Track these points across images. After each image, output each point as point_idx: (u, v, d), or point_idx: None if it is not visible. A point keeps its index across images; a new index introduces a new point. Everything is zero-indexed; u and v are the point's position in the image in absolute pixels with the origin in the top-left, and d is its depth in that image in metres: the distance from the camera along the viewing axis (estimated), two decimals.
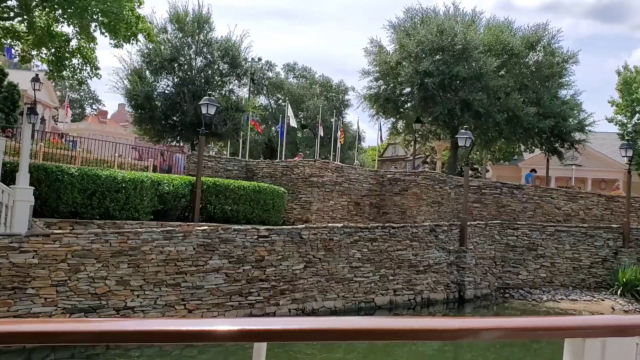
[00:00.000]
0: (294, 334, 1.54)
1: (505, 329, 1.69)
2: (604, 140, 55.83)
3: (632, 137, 48.09)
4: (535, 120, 28.34)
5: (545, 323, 1.83)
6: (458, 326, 1.63)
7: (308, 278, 16.20)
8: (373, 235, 18.35)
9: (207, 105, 19.97)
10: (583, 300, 22.21)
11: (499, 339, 1.90)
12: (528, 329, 1.75)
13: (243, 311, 14.65)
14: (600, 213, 26.08)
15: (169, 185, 19.12)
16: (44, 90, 75.23)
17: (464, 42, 27.67)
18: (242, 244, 14.73)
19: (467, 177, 22.31)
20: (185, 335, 1.42)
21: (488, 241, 23.04)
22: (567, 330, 1.76)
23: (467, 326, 1.67)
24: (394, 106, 30.81)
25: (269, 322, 1.51)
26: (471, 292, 21.50)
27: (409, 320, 1.67)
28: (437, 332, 1.64)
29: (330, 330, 1.55)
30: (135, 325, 1.48)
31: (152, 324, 1.48)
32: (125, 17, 14.39)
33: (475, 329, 1.66)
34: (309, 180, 22.91)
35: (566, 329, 1.76)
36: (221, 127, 33.51)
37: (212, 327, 1.45)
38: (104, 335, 1.45)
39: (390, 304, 18.75)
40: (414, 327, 1.61)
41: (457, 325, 1.63)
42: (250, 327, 1.48)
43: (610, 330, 1.77)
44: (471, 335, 1.72)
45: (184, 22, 34.18)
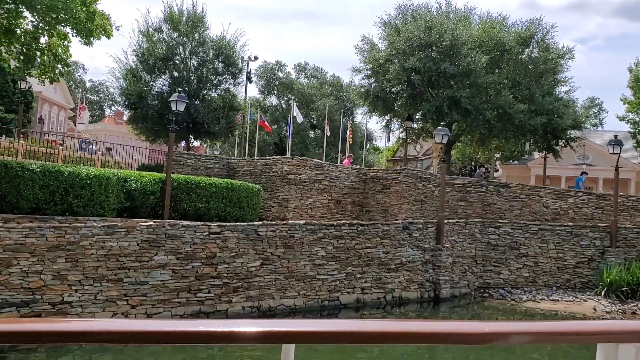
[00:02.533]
0: (322, 335, 1.54)
1: (535, 333, 1.68)
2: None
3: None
4: (527, 117, 27.72)
5: (578, 327, 1.80)
6: (488, 330, 1.62)
7: (265, 276, 16.02)
8: (339, 232, 18.09)
9: (176, 102, 19.92)
10: (565, 300, 21.64)
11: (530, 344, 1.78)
12: (560, 333, 1.72)
13: (191, 308, 14.54)
14: (591, 212, 25.40)
15: (136, 182, 19.12)
16: (60, 91, 76.39)
17: (452, 38, 27.21)
18: (191, 240, 14.62)
19: (444, 174, 21.90)
20: (214, 337, 1.44)
21: (468, 239, 22.59)
22: (600, 335, 1.73)
23: (496, 330, 1.65)
24: (384, 104, 30.47)
25: (297, 324, 1.53)
26: (447, 291, 21.09)
27: (438, 324, 1.67)
28: (467, 336, 1.64)
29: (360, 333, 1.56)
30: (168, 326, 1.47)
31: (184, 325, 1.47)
32: (74, 12, 14.38)
33: (505, 333, 1.65)
34: (286, 177, 22.75)
35: (599, 334, 1.73)
36: (214, 125, 33.58)
37: (241, 329, 1.45)
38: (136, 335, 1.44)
39: (357, 302, 18.47)
40: (444, 330, 1.62)
41: (487, 329, 1.62)
42: (279, 329, 1.49)
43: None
44: (501, 339, 1.68)
45: (178, 22, 34.32)
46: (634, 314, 20.74)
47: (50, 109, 72.93)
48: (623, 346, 1.72)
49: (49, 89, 71.22)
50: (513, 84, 29.23)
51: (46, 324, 1.44)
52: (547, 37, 30.69)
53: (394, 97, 30.00)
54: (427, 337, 1.62)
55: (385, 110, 31.52)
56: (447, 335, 1.61)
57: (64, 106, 76.09)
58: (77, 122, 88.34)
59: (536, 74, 29.59)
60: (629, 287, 21.56)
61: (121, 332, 1.44)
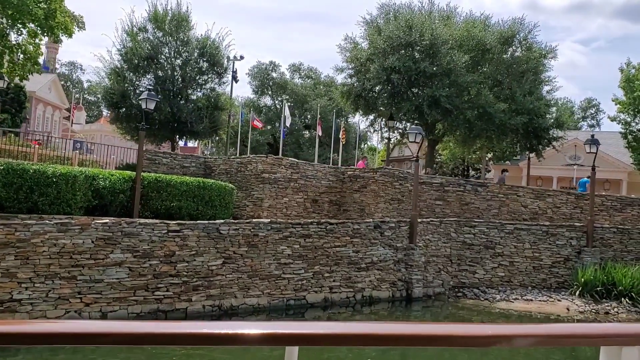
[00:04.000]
0: (326, 338, 1.53)
1: (539, 336, 1.67)
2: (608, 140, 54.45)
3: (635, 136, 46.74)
4: (508, 116, 27.58)
5: (581, 330, 1.78)
6: (491, 332, 1.62)
7: (227, 274, 15.94)
8: (307, 231, 18.00)
9: (146, 101, 19.85)
10: (538, 300, 21.51)
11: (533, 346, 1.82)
12: (563, 336, 1.71)
13: (149, 306, 14.47)
14: (570, 211, 25.26)
15: (105, 181, 19.05)
16: (54, 92, 76.44)
17: (432, 37, 27.09)
18: (149, 238, 14.55)
19: (417, 172, 21.79)
20: (218, 338, 1.44)
21: (443, 239, 22.47)
22: (603, 338, 1.72)
23: (500, 333, 1.65)
24: (366, 103, 30.38)
25: (301, 326, 1.52)
26: (420, 290, 20.98)
27: (441, 327, 1.67)
28: (470, 339, 1.63)
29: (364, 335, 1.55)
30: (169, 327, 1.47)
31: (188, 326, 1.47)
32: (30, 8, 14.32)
33: (509, 335, 1.65)
34: (260, 176, 22.67)
35: (603, 337, 1.72)
36: (197, 125, 33.54)
37: (245, 331, 1.45)
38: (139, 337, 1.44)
39: (325, 301, 18.37)
40: (447, 333, 1.61)
41: (490, 332, 1.62)
42: (283, 331, 1.49)
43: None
44: (504, 341, 1.68)
45: (162, 21, 34.29)
46: (607, 314, 20.62)
47: (45, 109, 72.93)
48: (627, 349, 1.70)
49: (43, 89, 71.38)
50: (494, 83, 29.09)
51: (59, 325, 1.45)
52: (530, 36, 30.58)
53: (375, 97, 29.90)
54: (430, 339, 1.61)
55: (367, 110, 31.42)
56: (450, 338, 1.60)
57: (58, 106, 76.07)
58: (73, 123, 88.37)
59: (518, 73, 29.45)
60: (603, 287, 21.42)
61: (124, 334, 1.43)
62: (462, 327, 1.67)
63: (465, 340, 1.64)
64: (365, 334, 1.55)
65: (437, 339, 1.60)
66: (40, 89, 71.12)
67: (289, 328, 1.50)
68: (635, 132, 46.62)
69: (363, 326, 1.58)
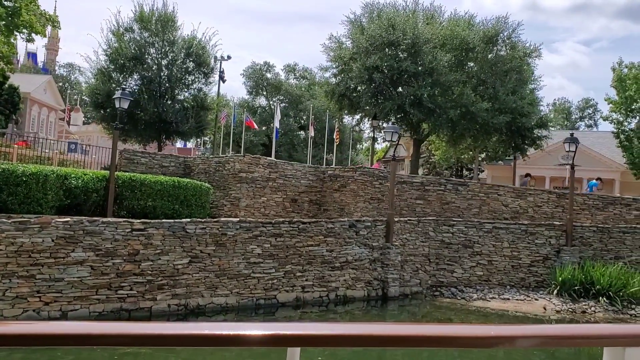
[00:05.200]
0: (328, 339, 1.54)
1: (542, 337, 1.69)
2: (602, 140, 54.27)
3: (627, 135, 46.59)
4: (490, 116, 27.46)
5: (584, 331, 1.78)
6: (494, 333, 1.62)
7: (193, 273, 15.87)
8: (278, 230, 17.92)
9: (119, 100, 19.81)
10: (515, 299, 21.40)
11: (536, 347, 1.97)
12: (567, 336, 1.72)
13: (112, 305, 14.41)
14: (551, 210, 25.14)
15: (77, 180, 19.02)
16: (50, 93, 76.47)
17: (414, 36, 26.99)
18: (112, 237, 14.49)
19: (394, 171, 21.70)
20: (220, 339, 1.44)
21: (421, 238, 22.36)
22: (607, 339, 1.74)
23: (503, 334, 1.65)
24: (350, 103, 30.30)
25: (303, 327, 1.53)
26: (396, 289, 20.88)
27: (444, 327, 1.67)
28: (473, 340, 1.64)
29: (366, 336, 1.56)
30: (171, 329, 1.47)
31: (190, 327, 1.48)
32: None
33: (512, 336, 1.66)
34: (238, 176, 22.61)
35: (606, 337, 1.74)
36: (183, 125, 33.52)
37: (247, 332, 1.46)
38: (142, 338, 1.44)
39: (296, 301, 18.29)
40: (450, 334, 1.62)
41: (493, 333, 1.63)
42: (284, 332, 1.49)
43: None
44: (507, 342, 1.70)
45: (147, 21, 34.28)
46: (584, 313, 20.49)
47: (40, 110, 72.93)
48: (630, 350, 1.70)
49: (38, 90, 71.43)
50: (478, 82, 28.97)
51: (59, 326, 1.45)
52: (514, 35, 30.44)
53: (359, 96, 29.82)
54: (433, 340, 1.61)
55: (351, 109, 31.35)
56: (453, 339, 1.61)
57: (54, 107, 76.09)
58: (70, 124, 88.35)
59: (501, 72, 29.33)
60: (582, 286, 21.29)
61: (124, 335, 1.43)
62: (465, 327, 1.67)
63: (468, 341, 1.64)
64: (368, 335, 1.55)
65: (440, 339, 1.60)
66: (35, 90, 71.10)
67: (290, 329, 1.50)
68: (627, 131, 46.49)
69: (365, 327, 1.58)
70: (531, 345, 1.68)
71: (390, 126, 21.33)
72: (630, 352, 1.71)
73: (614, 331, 1.77)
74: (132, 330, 1.45)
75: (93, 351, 11.72)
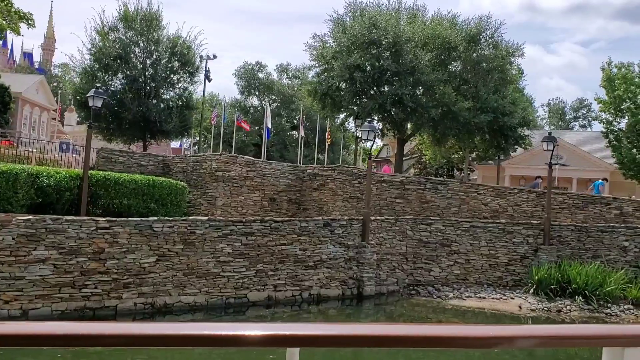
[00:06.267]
0: (327, 339, 1.55)
1: (541, 337, 1.68)
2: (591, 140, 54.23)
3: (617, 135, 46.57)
4: (472, 115, 27.40)
5: (583, 331, 1.79)
6: (493, 334, 1.62)
7: (160, 272, 15.81)
8: (249, 229, 17.85)
9: (93, 98, 19.75)
10: (491, 298, 21.37)
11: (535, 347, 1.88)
12: (566, 337, 1.72)
13: (75, 304, 14.35)
14: (531, 209, 25.09)
15: (49, 179, 18.94)
16: (42, 93, 76.29)
17: (395, 35, 26.93)
18: (76, 235, 14.43)
19: (370, 170, 21.65)
20: (219, 340, 1.46)
21: (399, 236, 22.31)
22: (606, 339, 1.73)
23: (502, 334, 1.65)
24: (332, 102, 30.26)
25: (302, 328, 1.53)
26: (371, 288, 20.82)
27: (444, 328, 1.66)
28: (473, 340, 1.64)
29: (365, 337, 1.56)
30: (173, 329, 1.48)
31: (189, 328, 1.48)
32: None
33: (511, 336, 1.65)
34: (214, 175, 22.55)
35: (605, 338, 1.74)
36: (167, 124, 33.46)
37: (246, 332, 1.47)
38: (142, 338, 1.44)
39: (268, 300, 18.22)
40: (449, 334, 1.62)
41: (492, 333, 1.62)
42: (283, 332, 1.49)
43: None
44: (506, 343, 1.69)
45: (132, 21, 34.23)
46: (559, 312, 20.46)
47: (32, 110, 72.73)
48: (629, 350, 1.70)
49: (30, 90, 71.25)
50: (461, 82, 28.91)
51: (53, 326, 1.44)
52: (496, 34, 30.39)
53: (341, 95, 29.76)
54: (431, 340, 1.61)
55: (334, 108, 31.31)
56: (452, 339, 1.61)
57: (46, 107, 75.92)
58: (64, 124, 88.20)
59: (483, 71, 29.26)
60: (558, 285, 21.26)
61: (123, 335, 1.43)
62: (463, 328, 1.66)
63: (467, 341, 1.63)
64: (367, 335, 1.55)
65: (438, 340, 1.59)
66: (27, 90, 70.89)
67: (290, 329, 1.50)
68: (616, 131, 46.47)
69: (364, 327, 1.57)
70: (530, 346, 1.69)
71: (366, 125, 21.28)
72: (630, 353, 1.70)
73: (613, 331, 1.77)
74: (131, 331, 1.45)
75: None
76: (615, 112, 46.44)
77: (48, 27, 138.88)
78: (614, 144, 45.19)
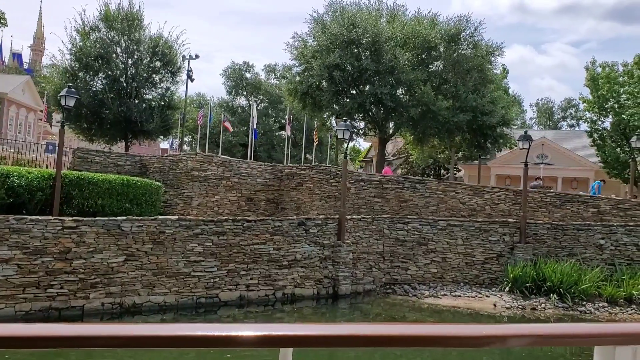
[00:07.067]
0: (320, 339, 1.55)
1: (533, 336, 1.68)
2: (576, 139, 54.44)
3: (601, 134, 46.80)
4: (451, 114, 27.43)
5: (575, 330, 1.79)
6: (485, 333, 1.64)
7: (129, 272, 15.72)
8: (221, 228, 17.78)
9: (65, 97, 19.63)
10: (467, 296, 21.38)
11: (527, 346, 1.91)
12: (557, 335, 1.73)
13: (40, 304, 14.25)
14: (508, 208, 25.14)
15: (20, 178, 18.79)
16: (28, 93, 75.85)
17: (374, 34, 26.93)
18: (41, 235, 14.32)
19: (346, 168, 21.61)
20: (212, 341, 1.45)
21: (375, 235, 22.29)
22: (597, 338, 1.75)
23: (494, 333, 1.66)
24: (313, 101, 30.22)
25: (295, 328, 1.53)
26: (347, 287, 20.79)
27: (436, 327, 1.68)
28: (465, 339, 1.66)
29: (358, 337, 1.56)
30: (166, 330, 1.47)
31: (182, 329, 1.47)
32: None
33: (503, 335, 1.66)
34: (190, 174, 22.47)
35: (597, 336, 1.75)
36: (148, 124, 33.34)
37: (239, 333, 1.47)
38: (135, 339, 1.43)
39: (240, 299, 18.15)
40: (442, 333, 1.63)
41: (485, 332, 1.64)
42: (277, 333, 1.50)
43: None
44: (498, 342, 1.70)
45: (112, 20, 34.09)
46: (534, 310, 20.50)
47: (18, 111, 72.28)
48: (620, 349, 1.73)
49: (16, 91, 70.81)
50: (441, 81, 28.93)
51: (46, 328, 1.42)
52: (476, 34, 30.45)
53: (321, 94, 29.73)
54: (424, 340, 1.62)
55: (315, 108, 31.27)
56: (445, 338, 1.62)
57: (33, 108, 75.49)
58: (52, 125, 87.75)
59: (463, 71, 29.30)
60: (533, 283, 21.31)
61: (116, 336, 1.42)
62: (456, 327, 1.66)
63: (460, 340, 1.65)
64: (359, 335, 1.55)
65: (431, 339, 1.61)
66: (13, 91, 70.48)
67: (283, 330, 1.50)
68: (600, 130, 46.70)
69: (357, 328, 1.58)
70: (522, 345, 1.69)
71: (342, 123, 21.25)
72: (621, 351, 1.72)
73: (604, 330, 1.78)
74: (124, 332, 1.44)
75: None
76: (599, 112, 46.67)
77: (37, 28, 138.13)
78: (598, 143, 45.43)
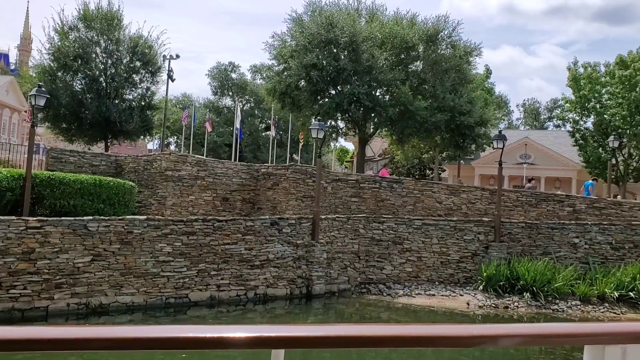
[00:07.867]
0: (312, 340, 1.54)
1: (524, 336, 1.69)
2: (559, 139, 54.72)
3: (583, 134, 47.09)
4: (429, 114, 27.47)
5: (565, 329, 1.82)
6: (476, 333, 1.64)
7: (95, 272, 15.62)
8: (190, 228, 17.70)
9: (35, 97, 19.47)
10: (441, 295, 21.41)
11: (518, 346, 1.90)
12: (548, 335, 1.75)
13: (2, 305, 14.13)
14: (485, 207, 25.21)
15: None
16: (12, 94, 75.28)
17: (351, 34, 26.93)
18: (3, 235, 14.20)
19: (320, 168, 21.60)
20: (204, 342, 1.44)
21: (350, 235, 22.26)
22: (587, 337, 1.77)
23: (485, 333, 1.67)
24: (291, 101, 30.18)
25: (287, 329, 1.53)
26: (321, 287, 20.76)
27: (427, 327, 1.67)
28: (456, 339, 1.67)
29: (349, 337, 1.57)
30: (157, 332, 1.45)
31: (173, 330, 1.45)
32: None
33: (494, 335, 1.67)
34: (164, 174, 22.37)
35: (586, 336, 1.76)
36: (127, 124, 33.17)
37: (231, 334, 1.45)
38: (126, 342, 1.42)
39: (211, 299, 18.07)
40: (433, 334, 1.63)
41: (476, 332, 1.64)
42: (268, 334, 1.49)
43: (632, 337, 1.77)
44: (489, 342, 1.71)
45: (91, 20, 33.91)
46: (507, 308, 20.55)
47: (2, 112, 71.71)
48: (610, 348, 1.75)
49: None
50: (419, 81, 28.98)
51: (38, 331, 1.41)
52: (454, 34, 30.53)
53: (299, 94, 29.69)
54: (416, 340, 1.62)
55: (294, 108, 31.24)
56: (436, 339, 1.62)
57: (17, 109, 74.86)
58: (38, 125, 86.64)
59: (441, 71, 29.35)
60: (507, 281, 21.37)
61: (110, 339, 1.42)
62: (448, 327, 1.67)
63: (451, 340, 1.66)
64: (351, 336, 1.56)
65: (422, 340, 1.61)
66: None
67: (274, 331, 1.50)
68: (582, 130, 46.99)
69: (348, 328, 1.58)
70: (513, 344, 1.68)
71: (315, 123, 21.23)
72: (610, 350, 1.74)
73: (594, 330, 1.80)
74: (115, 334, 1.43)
75: None
76: (581, 112, 46.95)
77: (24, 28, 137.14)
78: (580, 143, 45.72)
